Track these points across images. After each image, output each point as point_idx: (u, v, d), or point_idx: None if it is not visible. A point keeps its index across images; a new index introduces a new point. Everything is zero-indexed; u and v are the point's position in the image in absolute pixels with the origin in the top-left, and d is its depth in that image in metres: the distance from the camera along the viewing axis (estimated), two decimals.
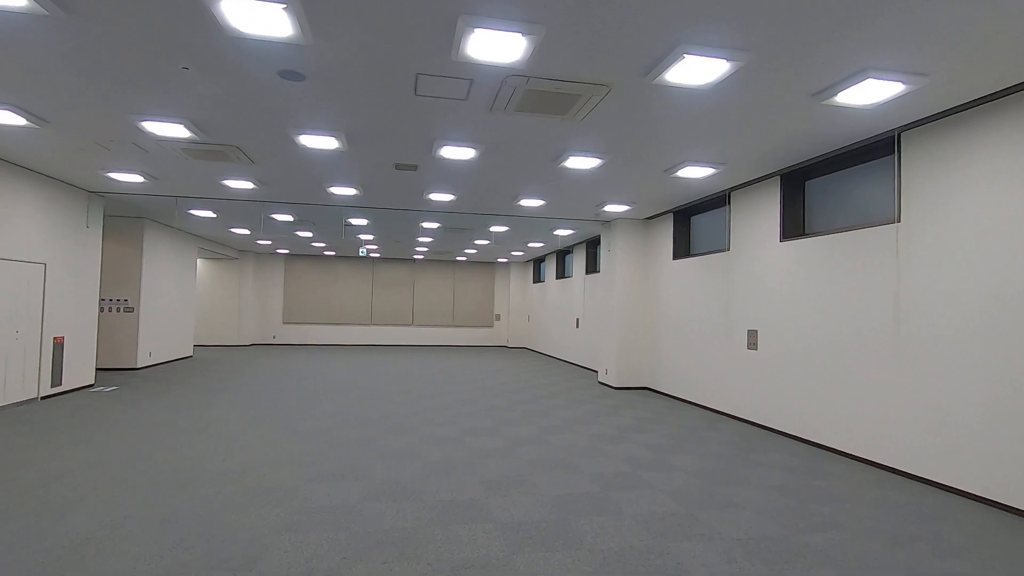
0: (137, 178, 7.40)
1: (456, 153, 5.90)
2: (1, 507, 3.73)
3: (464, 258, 18.51)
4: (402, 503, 4.00)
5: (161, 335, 12.03)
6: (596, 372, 12.30)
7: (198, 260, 17.50)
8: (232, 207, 9.69)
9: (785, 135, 5.21)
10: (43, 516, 3.61)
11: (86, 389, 8.57)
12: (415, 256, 18.37)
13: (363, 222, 11.11)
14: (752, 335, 6.99)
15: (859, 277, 5.44)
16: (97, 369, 10.75)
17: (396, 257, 18.89)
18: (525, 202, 8.48)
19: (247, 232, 12.84)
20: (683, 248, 9.07)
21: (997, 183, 4.25)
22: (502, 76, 4.01)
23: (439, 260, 19.54)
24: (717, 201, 8.14)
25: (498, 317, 20.18)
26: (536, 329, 18.19)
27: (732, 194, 7.51)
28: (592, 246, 13.31)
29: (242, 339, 17.70)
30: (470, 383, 10.31)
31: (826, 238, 5.89)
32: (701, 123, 4.91)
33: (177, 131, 5.31)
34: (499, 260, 19.16)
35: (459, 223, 11.05)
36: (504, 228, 11.62)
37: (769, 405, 6.66)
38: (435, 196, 8.15)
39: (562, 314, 15.21)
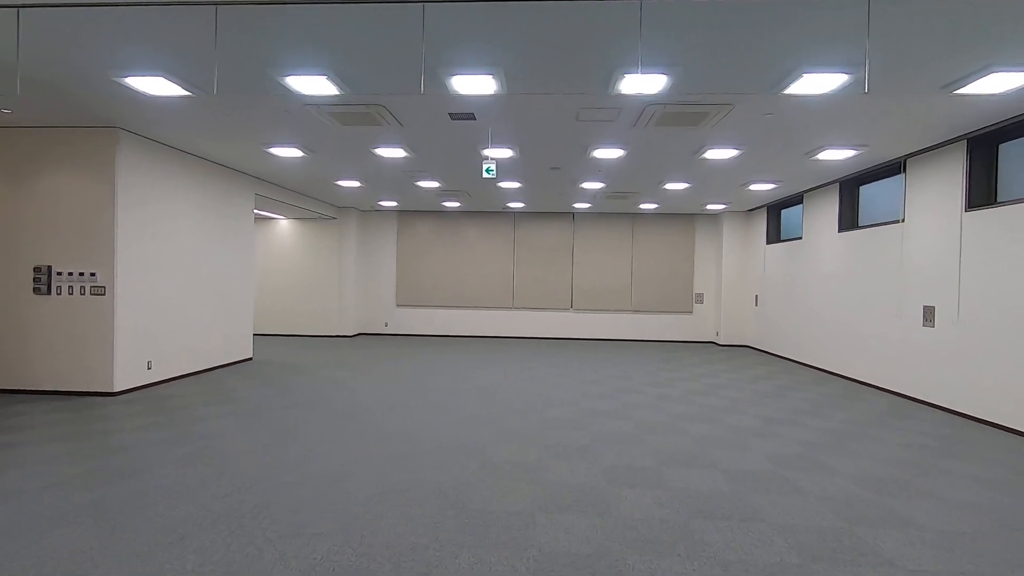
0: None
1: None
2: None
3: (653, 205, 11.85)
4: None
5: (175, 333, 7.37)
6: None
7: (286, 221, 13.18)
8: (224, 71, 4.26)
9: None
10: None
11: None
12: (576, 207, 12.18)
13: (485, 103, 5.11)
14: None
15: None
16: (31, 393, 6.28)
17: (548, 211, 12.89)
18: None
19: (296, 153, 7.62)
20: None
21: None
22: None
23: (611, 213, 13.14)
24: None
25: (700, 298, 13.28)
26: (774, 319, 11.00)
27: None
28: (979, 149, 5.94)
29: (344, 328, 13.11)
30: (718, 473, 3.86)
31: None
32: None
33: None
34: (707, 208, 12.16)
35: (682, 95, 4.54)
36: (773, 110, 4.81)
37: None
38: None
39: (862, 297, 7.97)
